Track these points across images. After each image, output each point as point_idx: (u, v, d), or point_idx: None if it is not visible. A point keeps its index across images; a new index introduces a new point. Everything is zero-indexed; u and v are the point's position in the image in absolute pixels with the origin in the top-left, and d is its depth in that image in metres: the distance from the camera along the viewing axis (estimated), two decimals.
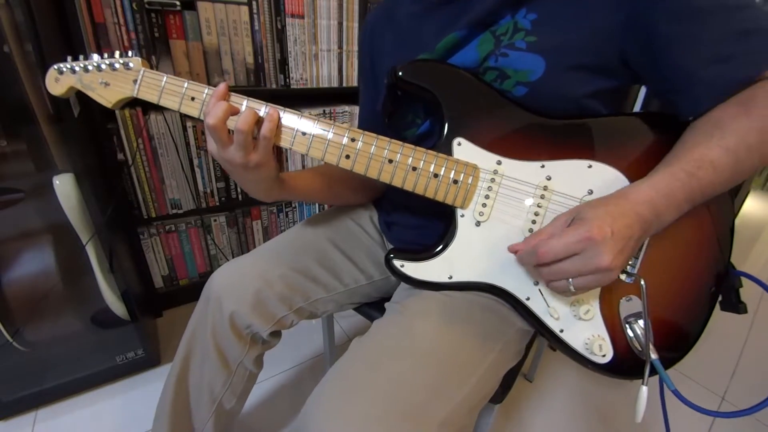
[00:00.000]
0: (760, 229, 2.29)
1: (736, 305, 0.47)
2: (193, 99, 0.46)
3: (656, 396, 0.59)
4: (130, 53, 0.47)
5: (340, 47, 1.17)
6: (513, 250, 0.43)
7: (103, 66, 0.46)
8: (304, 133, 0.46)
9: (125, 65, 0.46)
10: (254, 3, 0.99)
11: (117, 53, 0.46)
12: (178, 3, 0.90)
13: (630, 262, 0.45)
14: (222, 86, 0.44)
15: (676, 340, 0.48)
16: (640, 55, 0.42)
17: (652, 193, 0.38)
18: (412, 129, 0.55)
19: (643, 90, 0.77)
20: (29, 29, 0.64)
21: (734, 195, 0.90)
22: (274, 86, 1.11)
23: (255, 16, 1.01)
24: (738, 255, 0.51)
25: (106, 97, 0.47)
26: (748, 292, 0.47)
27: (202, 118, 0.45)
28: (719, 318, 0.47)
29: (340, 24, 1.14)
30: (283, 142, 0.46)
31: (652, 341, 0.44)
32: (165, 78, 0.46)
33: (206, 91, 0.46)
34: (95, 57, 0.46)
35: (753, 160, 0.39)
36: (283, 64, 1.10)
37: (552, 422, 0.94)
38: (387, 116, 0.56)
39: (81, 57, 0.46)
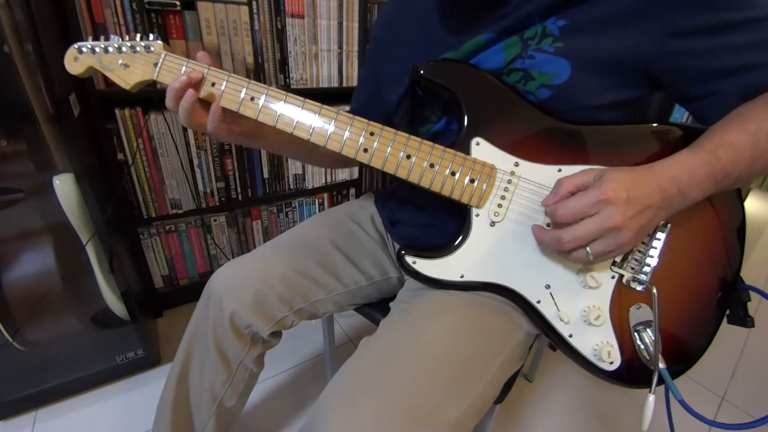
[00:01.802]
0: (760, 229, 2.29)
1: (743, 319, 0.47)
2: (213, 84, 0.46)
3: (659, 402, 0.59)
4: (151, 36, 0.47)
5: (340, 47, 1.17)
6: (545, 204, 0.43)
7: (124, 48, 0.46)
8: (322, 126, 0.46)
9: (146, 48, 0.46)
10: (254, 3, 0.99)
11: (138, 36, 0.47)
12: (178, 3, 0.90)
13: (644, 270, 0.45)
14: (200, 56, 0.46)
15: (684, 350, 0.48)
16: (670, 66, 0.42)
17: (674, 168, 0.39)
18: (427, 125, 0.55)
19: None
20: (29, 29, 0.64)
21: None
22: (274, 86, 1.11)
23: (255, 16, 1.01)
24: None
25: (126, 78, 0.47)
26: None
27: (222, 104, 0.46)
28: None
29: (340, 24, 1.14)
30: (301, 132, 0.46)
31: (660, 350, 0.44)
32: (186, 63, 0.46)
33: (227, 77, 0.46)
34: (115, 38, 0.46)
35: None
36: (283, 64, 1.10)
37: (552, 422, 0.94)
38: (406, 114, 0.56)
39: (102, 38, 0.47)
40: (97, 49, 0.46)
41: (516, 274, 0.47)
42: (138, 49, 0.46)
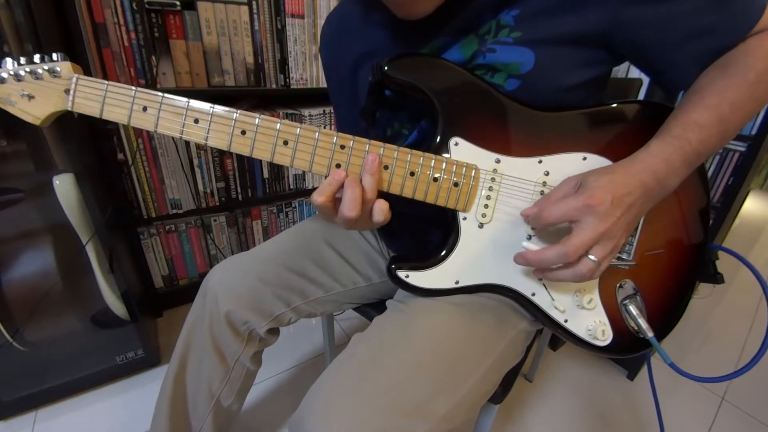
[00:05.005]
0: (760, 229, 2.29)
1: (714, 276, 0.51)
2: (145, 109, 0.39)
3: (651, 395, 0.59)
4: (55, 56, 0.38)
5: None
6: (525, 214, 0.43)
7: (22, 73, 0.37)
8: (285, 143, 0.41)
9: (51, 72, 0.38)
10: (254, 3, 0.99)
11: (37, 56, 0.38)
12: (178, 3, 0.90)
13: (627, 249, 0.48)
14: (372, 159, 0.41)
15: (666, 316, 0.52)
16: (625, 39, 0.43)
17: (651, 160, 0.40)
18: (399, 141, 0.53)
19: (645, 82, 0.78)
20: (29, 29, 0.64)
21: (734, 194, 0.90)
22: (274, 86, 1.11)
23: (255, 16, 1.01)
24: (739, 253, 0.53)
25: (32, 112, 0.38)
26: (747, 293, 0.48)
27: (159, 131, 0.40)
28: (720, 319, 0.48)
29: None
30: (261, 154, 0.42)
31: (646, 317, 0.48)
32: (106, 85, 0.38)
33: (161, 98, 0.39)
34: (9, 62, 0.37)
35: (738, 115, 0.40)
36: (283, 64, 1.10)
37: (552, 422, 0.94)
38: (371, 120, 0.53)
39: None
40: None
41: (509, 271, 0.47)
42: (40, 73, 0.37)
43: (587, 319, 0.48)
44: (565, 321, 0.48)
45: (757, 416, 0.99)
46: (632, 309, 0.48)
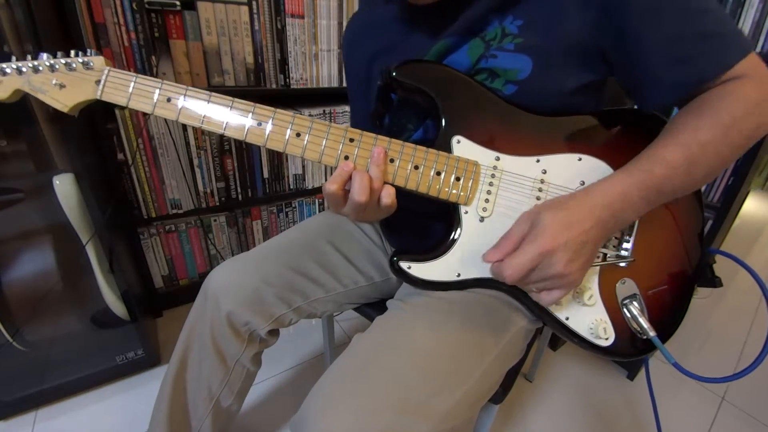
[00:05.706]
0: (760, 229, 2.29)
1: (712, 280, 0.51)
2: (169, 100, 0.43)
3: (648, 395, 0.59)
4: (89, 51, 0.43)
5: (341, 47, 1.17)
6: (487, 260, 0.44)
7: (57, 66, 0.41)
8: (298, 135, 0.44)
9: (85, 64, 0.42)
10: (254, 3, 0.99)
11: (73, 52, 0.42)
12: (178, 3, 0.90)
13: (624, 246, 0.48)
14: (377, 152, 0.43)
15: (667, 316, 0.51)
16: (612, 51, 0.44)
17: (609, 193, 0.41)
18: (404, 135, 0.54)
19: None
20: (29, 29, 0.64)
21: (734, 194, 0.90)
22: (274, 86, 1.11)
23: (255, 16, 1.01)
24: (738, 254, 0.53)
25: (62, 100, 0.42)
26: (747, 294, 0.48)
27: (180, 120, 0.43)
28: (720, 319, 0.48)
29: (340, 24, 1.14)
30: (274, 144, 0.44)
31: (647, 318, 0.48)
32: (135, 78, 0.42)
33: (185, 90, 0.43)
34: (44, 56, 0.42)
35: (708, 157, 0.40)
36: (283, 64, 1.10)
37: (552, 422, 0.94)
38: (379, 120, 0.55)
39: (29, 57, 0.42)
40: (24, 69, 0.41)
41: None
42: (74, 66, 0.42)
43: (588, 316, 0.48)
44: (567, 318, 0.48)
45: (757, 416, 0.99)
46: (633, 309, 0.48)
